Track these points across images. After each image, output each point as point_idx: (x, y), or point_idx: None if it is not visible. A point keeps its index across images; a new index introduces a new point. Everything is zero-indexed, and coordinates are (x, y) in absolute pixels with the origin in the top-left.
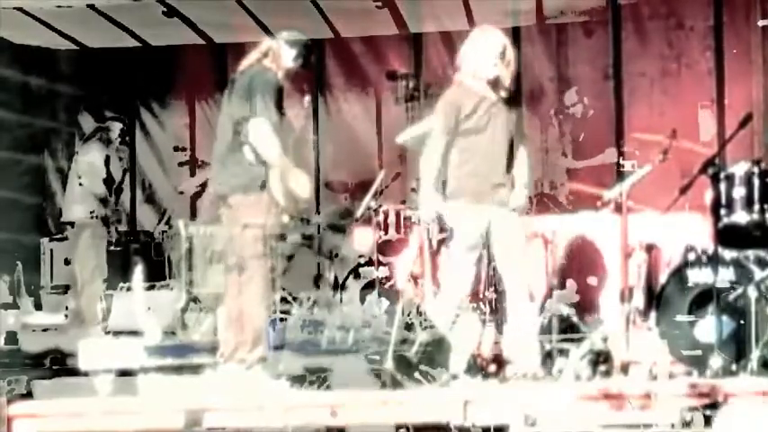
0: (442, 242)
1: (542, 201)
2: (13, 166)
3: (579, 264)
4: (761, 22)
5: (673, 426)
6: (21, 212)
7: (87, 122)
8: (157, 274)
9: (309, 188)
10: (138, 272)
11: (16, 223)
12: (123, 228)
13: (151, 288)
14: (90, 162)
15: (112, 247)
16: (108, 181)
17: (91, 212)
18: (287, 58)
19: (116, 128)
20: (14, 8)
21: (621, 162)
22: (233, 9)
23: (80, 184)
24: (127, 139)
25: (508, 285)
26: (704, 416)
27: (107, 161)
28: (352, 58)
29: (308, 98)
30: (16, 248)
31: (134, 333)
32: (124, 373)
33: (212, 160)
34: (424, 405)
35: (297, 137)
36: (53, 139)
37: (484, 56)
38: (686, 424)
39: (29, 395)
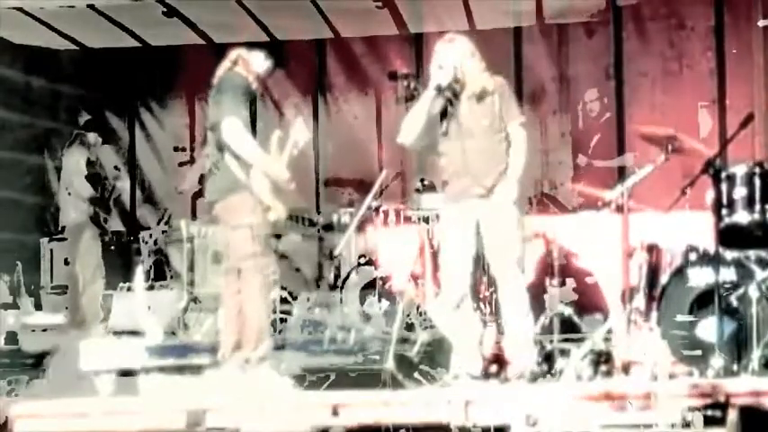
0: None
1: (542, 201)
2: (14, 167)
3: None
4: (761, 23)
5: (673, 426)
6: (22, 212)
7: (80, 124)
8: (157, 274)
9: (287, 176)
10: (139, 272)
11: (17, 223)
12: (117, 227)
13: (151, 288)
14: (72, 165)
15: (112, 247)
16: (92, 179)
17: (80, 214)
18: (256, 62)
19: (93, 135)
20: (14, 8)
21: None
22: (233, 9)
23: (66, 189)
24: (111, 143)
25: (499, 283)
26: (704, 416)
27: (89, 162)
28: (353, 59)
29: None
30: (17, 248)
31: (134, 333)
32: (125, 374)
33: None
34: (426, 405)
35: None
36: (54, 139)
37: None
38: (687, 424)
39: (28, 395)
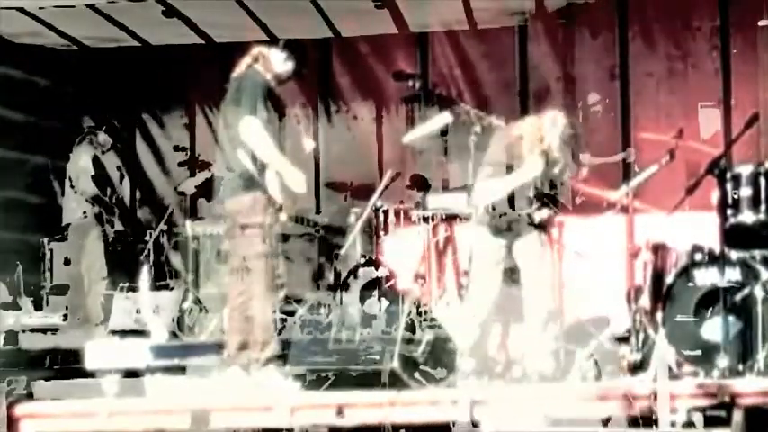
0: (447, 241)
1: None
2: (17, 167)
3: None
4: (761, 23)
5: (676, 426)
6: (24, 212)
7: (89, 123)
8: (158, 274)
9: (304, 184)
10: (144, 272)
11: (20, 223)
12: (120, 227)
13: (153, 288)
14: (79, 163)
15: (111, 248)
16: (97, 179)
17: (84, 213)
18: (277, 62)
19: (103, 135)
20: (15, 8)
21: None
22: (233, 9)
23: (72, 187)
24: (118, 145)
25: (525, 294)
26: (709, 416)
27: (95, 160)
28: (355, 59)
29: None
30: (19, 248)
31: (135, 333)
32: (130, 374)
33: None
34: (431, 405)
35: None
36: (56, 139)
37: None
38: (688, 424)
39: (29, 396)
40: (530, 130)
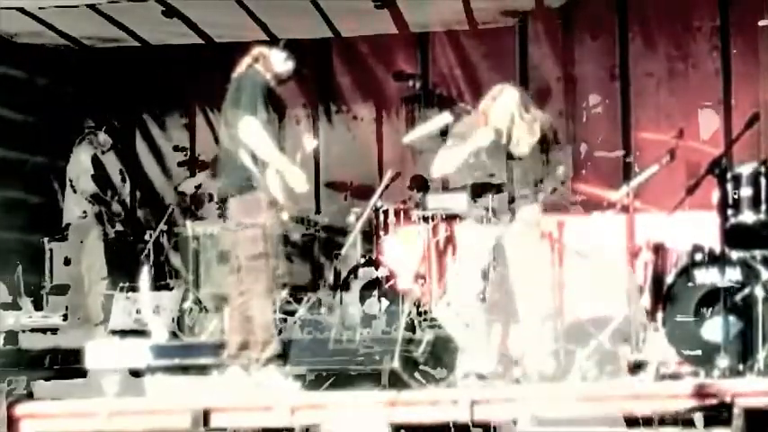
0: (448, 240)
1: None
2: (17, 167)
3: None
4: (762, 23)
5: (677, 426)
6: (25, 212)
7: (89, 123)
8: (158, 274)
9: (305, 183)
10: (145, 272)
11: (20, 223)
12: (120, 227)
13: (154, 289)
14: (80, 163)
15: (111, 248)
16: (97, 179)
17: (84, 212)
18: (277, 62)
19: (103, 135)
20: (15, 8)
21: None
22: (233, 9)
23: (72, 187)
24: (118, 145)
25: (519, 294)
26: (709, 416)
27: (95, 160)
28: (355, 59)
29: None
30: (20, 248)
31: (135, 333)
32: (131, 374)
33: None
34: (431, 405)
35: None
36: (56, 139)
37: None
38: (688, 424)
39: (29, 396)
40: (486, 104)
